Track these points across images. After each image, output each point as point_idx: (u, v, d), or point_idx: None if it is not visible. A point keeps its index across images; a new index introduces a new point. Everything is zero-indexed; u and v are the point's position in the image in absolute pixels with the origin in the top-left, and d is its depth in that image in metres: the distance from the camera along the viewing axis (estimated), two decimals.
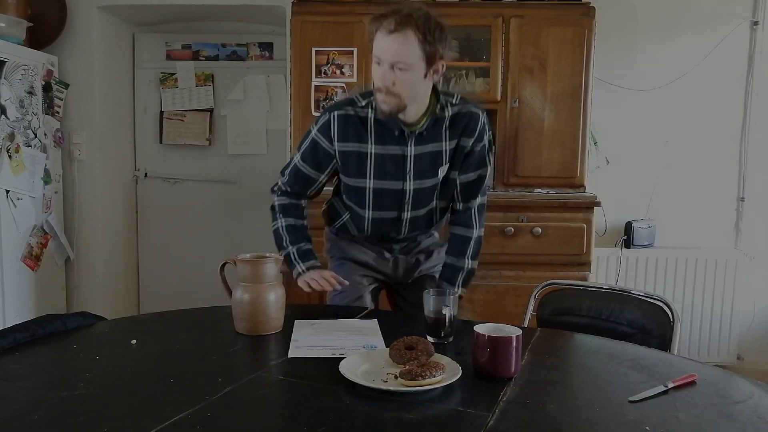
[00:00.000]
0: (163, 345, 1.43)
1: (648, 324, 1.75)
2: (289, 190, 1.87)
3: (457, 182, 1.80)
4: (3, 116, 2.95)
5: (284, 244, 1.81)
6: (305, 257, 1.79)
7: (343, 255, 1.93)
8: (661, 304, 1.78)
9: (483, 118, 1.76)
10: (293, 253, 1.79)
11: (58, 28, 3.42)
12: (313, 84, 3.10)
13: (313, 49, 3.07)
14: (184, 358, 1.33)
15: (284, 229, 1.82)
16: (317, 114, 3.09)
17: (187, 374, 1.23)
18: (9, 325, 1.45)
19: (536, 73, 3.01)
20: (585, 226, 2.90)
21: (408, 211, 1.80)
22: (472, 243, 1.84)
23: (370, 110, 1.72)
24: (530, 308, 1.94)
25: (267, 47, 3.89)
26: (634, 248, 3.32)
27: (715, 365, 1.43)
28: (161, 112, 3.93)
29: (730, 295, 3.28)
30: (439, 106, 1.72)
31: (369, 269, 1.92)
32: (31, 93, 3.14)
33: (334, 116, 1.74)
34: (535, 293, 1.96)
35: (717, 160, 3.42)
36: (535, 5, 3.01)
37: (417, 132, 1.71)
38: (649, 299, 1.83)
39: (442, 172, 1.77)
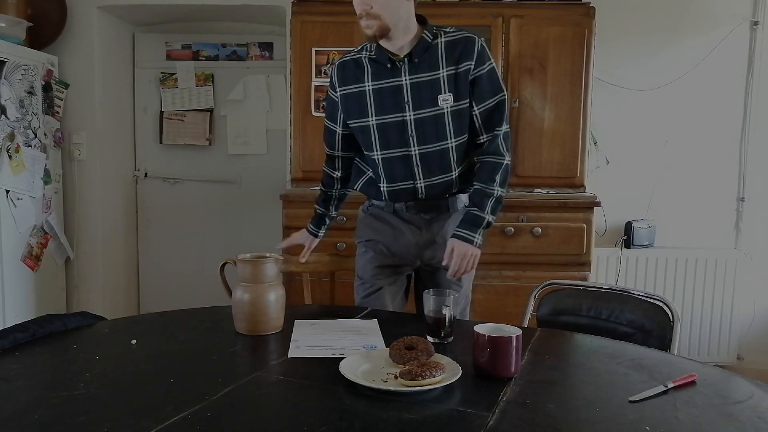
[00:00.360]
0: (163, 345, 1.43)
1: (648, 324, 1.75)
2: (326, 151, 2.03)
3: (477, 114, 1.79)
4: (3, 116, 2.95)
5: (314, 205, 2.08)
6: (312, 220, 2.06)
7: (367, 238, 1.94)
8: (661, 304, 1.78)
9: (480, 42, 1.78)
10: (313, 211, 2.07)
11: (58, 28, 3.42)
12: (313, 84, 3.10)
13: (313, 49, 3.07)
14: (184, 358, 1.33)
15: (318, 194, 2.08)
16: (317, 114, 3.10)
17: (187, 374, 1.22)
18: (9, 325, 1.45)
19: (536, 73, 3.01)
20: (585, 226, 2.90)
21: (414, 145, 1.80)
22: (501, 170, 1.80)
23: (364, 52, 1.83)
24: (530, 308, 1.94)
25: (267, 47, 3.89)
26: (634, 248, 3.33)
27: (715, 365, 1.43)
28: (161, 112, 3.93)
29: (730, 295, 3.28)
30: (430, 35, 1.77)
31: (391, 256, 1.90)
32: (31, 93, 3.14)
33: (334, 67, 1.90)
34: (535, 293, 1.96)
35: (717, 160, 3.42)
36: (535, 5, 3.01)
37: (407, 59, 1.77)
38: (649, 299, 1.83)
39: (443, 101, 1.77)
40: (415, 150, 1.81)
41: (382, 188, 1.88)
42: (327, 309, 1.85)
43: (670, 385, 1.15)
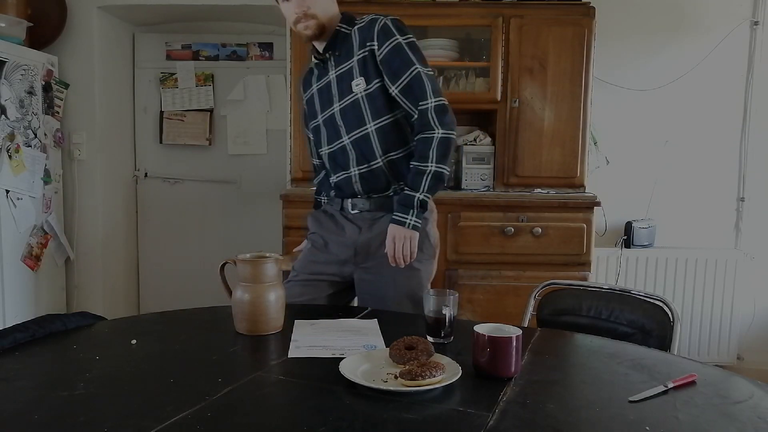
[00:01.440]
0: (163, 345, 1.43)
1: (648, 324, 1.75)
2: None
3: (397, 93, 1.75)
4: (3, 116, 2.95)
5: None
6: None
7: (311, 231, 1.97)
8: (661, 304, 1.78)
9: (384, 21, 1.76)
10: None
11: (58, 28, 3.42)
12: None
13: None
14: (184, 358, 1.33)
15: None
16: None
17: (187, 374, 1.22)
18: (9, 325, 1.45)
19: (536, 73, 3.01)
20: (585, 226, 2.90)
21: (345, 135, 1.83)
22: (435, 144, 1.72)
23: (313, 59, 1.91)
24: (530, 308, 1.94)
25: (267, 47, 3.89)
26: (634, 248, 3.33)
27: (715, 365, 1.43)
28: (161, 112, 3.93)
29: (730, 295, 3.28)
30: (346, 26, 1.82)
31: (326, 251, 1.89)
32: (31, 93, 3.14)
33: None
34: (535, 293, 1.96)
35: (717, 160, 3.42)
36: (535, 5, 3.01)
37: (331, 54, 1.83)
38: (649, 299, 1.83)
39: (356, 86, 1.78)
40: (346, 140, 1.84)
41: (331, 181, 1.92)
42: (327, 309, 1.84)
43: (670, 385, 1.15)
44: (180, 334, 1.52)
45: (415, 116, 1.75)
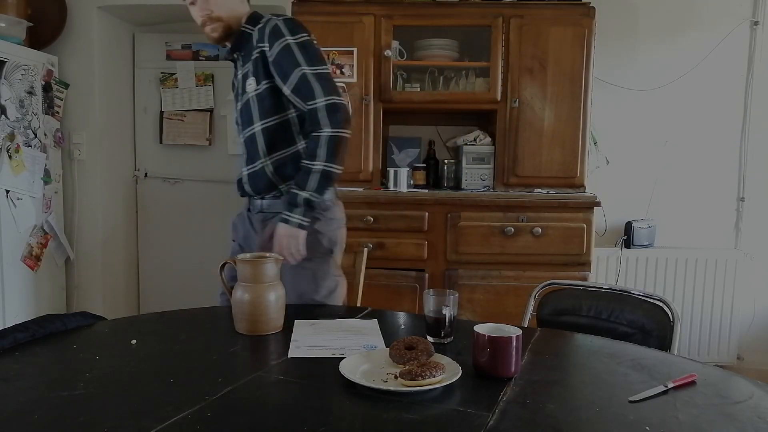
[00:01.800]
0: (163, 345, 1.43)
1: (648, 324, 1.75)
2: None
3: (290, 95, 1.76)
4: (3, 116, 2.95)
5: None
6: None
7: (232, 239, 2.00)
8: (660, 304, 1.78)
9: (276, 22, 1.77)
10: None
11: (58, 28, 3.42)
12: None
13: None
14: (184, 358, 1.33)
15: None
16: None
17: (187, 374, 1.22)
18: (9, 325, 1.45)
19: (536, 73, 3.01)
20: (585, 226, 2.90)
21: (241, 133, 1.88)
22: (323, 142, 1.72)
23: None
24: (530, 308, 1.94)
25: None
26: (634, 248, 3.33)
27: (715, 365, 1.43)
28: (161, 112, 3.93)
29: (730, 295, 3.28)
30: (249, 27, 1.83)
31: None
32: (31, 93, 3.14)
33: None
34: (535, 293, 1.96)
35: (717, 160, 3.42)
36: (535, 5, 3.01)
37: (238, 54, 1.86)
38: (648, 299, 1.83)
39: (249, 86, 1.81)
40: (241, 138, 1.88)
41: (240, 183, 1.96)
42: (327, 309, 1.84)
43: (670, 385, 1.15)
44: (180, 334, 1.52)
45: (306, 113, 1.77)
